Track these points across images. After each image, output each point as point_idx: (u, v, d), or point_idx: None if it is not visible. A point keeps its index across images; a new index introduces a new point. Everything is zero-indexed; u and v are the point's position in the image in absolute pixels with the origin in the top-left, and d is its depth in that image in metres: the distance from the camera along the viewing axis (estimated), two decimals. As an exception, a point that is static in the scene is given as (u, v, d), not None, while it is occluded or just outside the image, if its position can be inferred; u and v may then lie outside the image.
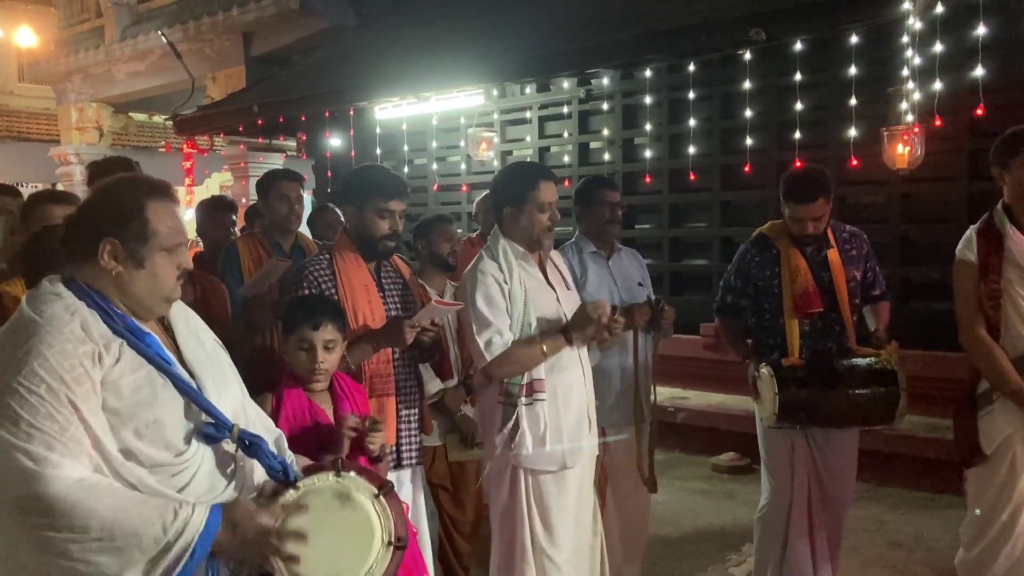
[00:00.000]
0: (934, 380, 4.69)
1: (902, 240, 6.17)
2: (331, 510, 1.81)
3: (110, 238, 1.76)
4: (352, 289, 2.97)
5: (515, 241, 3.11)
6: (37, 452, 1.57)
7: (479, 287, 3.02)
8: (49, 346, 1.64)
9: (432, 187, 8.73)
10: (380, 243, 3.02)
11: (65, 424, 1.61)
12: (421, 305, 3.10)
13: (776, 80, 6.35)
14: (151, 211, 1.78)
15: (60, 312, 1.70)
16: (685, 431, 6.41)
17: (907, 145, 5.11)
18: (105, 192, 1.83)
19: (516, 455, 3.00)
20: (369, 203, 3.00)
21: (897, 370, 3.33)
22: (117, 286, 1.78)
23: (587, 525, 3.19)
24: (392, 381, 3.02)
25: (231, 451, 1.85)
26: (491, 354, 2.96)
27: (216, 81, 10.59)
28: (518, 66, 6.22)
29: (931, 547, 4.54)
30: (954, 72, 4.90)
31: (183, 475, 1.75)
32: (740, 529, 4.84)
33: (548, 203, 3.09)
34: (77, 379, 1.64)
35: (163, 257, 1.80)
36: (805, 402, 3.33)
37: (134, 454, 1.69)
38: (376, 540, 1.81)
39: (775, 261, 3.54)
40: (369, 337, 2.92)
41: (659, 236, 7.49)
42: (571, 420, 3.07)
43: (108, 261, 1.76)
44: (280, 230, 4.06)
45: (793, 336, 3.46)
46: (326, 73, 8.19)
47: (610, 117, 7.71)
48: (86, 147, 12.64)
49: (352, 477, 1.86)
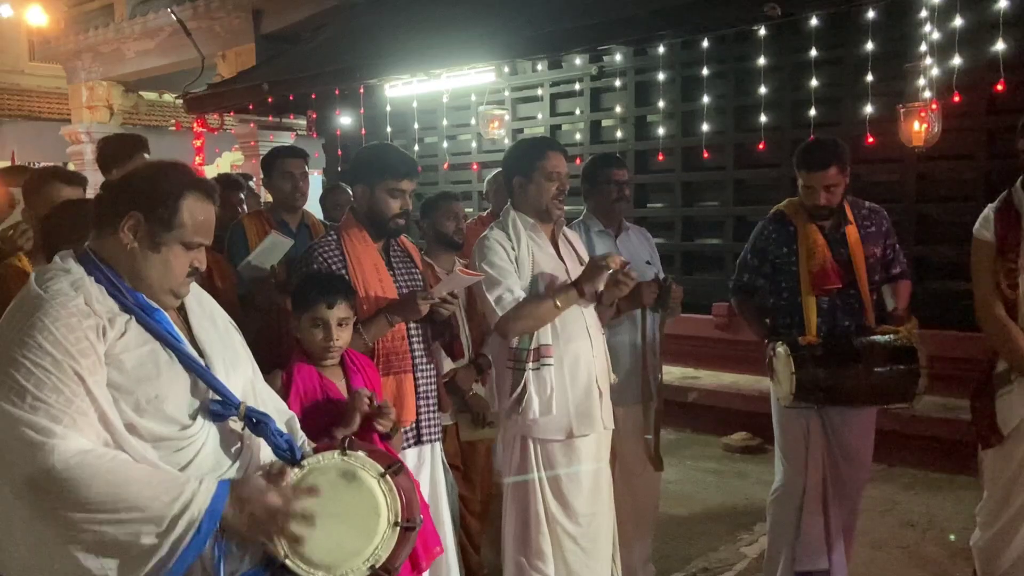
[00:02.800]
0: (949, 360, 4.64)
1: (918, 219, 6.10)
2: (336, 489, 1.78)
3: (137, 212, 1.76)
4: (362, 268, 2.95)
5: (526, 213, 3.18)
6: (42, 424, 1.57)
7: (486, 253, 3.10)
8: (54, 320, 1.63)
9: (443, 165, 8.69)
10: (391, 223, 3.00)
11: (71, 396, 1.60)
12: (430, 286, 3.09)
13: (791, 56, 6.27)
14: (186, 203, 1.78)
15: (65, 288, 1.69)
16: (696, 411, 6.40)
17: (924, 122, 5.05)
18: (151, 170, 1.84)
19: (523, 421, 3.04)
20: (380, 183, 2.97)
21: (917, 348, 3.28)
22: (129, 263, 1.77)
23: (603, 498, 3.20)
24: (409, 358, 3.00)
25: (238, 430, 1.84)
26: (503, 309, 3.01)
27: (226, 59, 10.55)
28: (529, 43, 6.16)
29: (944, 528, 4.52)
30: (973, 47, 4.83)
31: (187, 451, 1.73)
32: (752, 509, 4.84)
33: (556, 172, 3.13)
34: (82, 351, 1.63)
35: (180, 250, 1.79)
36: (823, 381, 3.28)
37: (136, 428, 1.68)
38: (382, 520, 1.78)
39: (792, 238, 3.50)
40: (385, 311, 2.90)
41: (671, 215, 7.44)
42: (579, 390, 3.09)
43: (127, 234, 1.75)
44: (286, 208, 4.08)
45: (810, 313, 3.42)
46: (336, 51, 8.14)
47: (622, 94, 7.64)
48: (97, 126, 12.65)
49: (358, 456, 1.82)
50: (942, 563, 4.10)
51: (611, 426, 3.25)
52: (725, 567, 4.17)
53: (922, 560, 4.15)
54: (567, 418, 3.07)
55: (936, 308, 5.29)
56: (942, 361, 3.55)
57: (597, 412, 3.14)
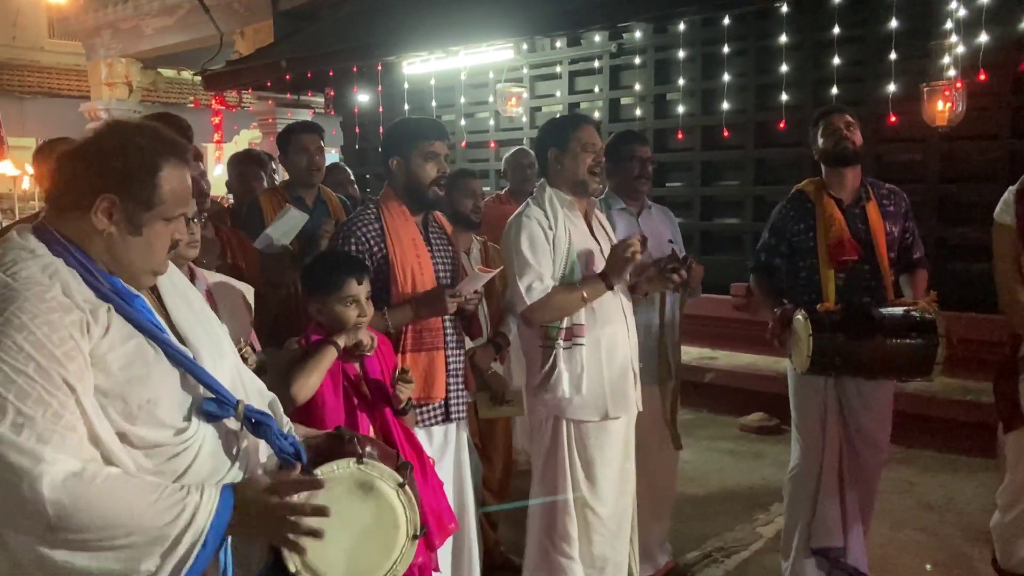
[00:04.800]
0: (970, 342, 4.59)
1: (940, 199, 6.03)
2: (352, 501, 1.65)
3: (111, 195, 1.52)
4: (401, 244, 2.94)
5: (560, 189, 3.14)
6: (29, 446, 1.33)
7: (523, 231, 3.06)
8: (33, 316, 1.39)
9: (460, 143, 8.67)
10: (430, 189, 2.98)
11: (59, 410, 1.38)
12: (462, 264, 3.09)
13: (813, 34, 6.19)
14: (164, 175, 1.56)
15: (37, 274, 1.45)
16: (713, 391, 6.39)
17: (947, 101, 4.99)
18: (118, 140, 1.56)
19: (553, 399, 3.04)
20: (414, 149, 2.96)
21: (936, 319, 3.24)
22: (105, 248, 1.55)
23: (629, 480, 3.21)
24: (441, 335, 3.00)
25: (235, 428, 1.65)
26: (531, 298, 3.00)
27: (244, 36, 10.54)
28: (548, 19, 6.12)
29: (962, 510, 4.51)
30: (1000, 24, 4.75)
31: (183, 457, 1.54)
32: (768, 489, 4.83)
33: (591, 143, 3.12)
34: (68, 354, 1.40)
35: (162, 227, 1.58)
36: (840, 347, 3.23)
37: (128, 437, 1.48)
38: (401, 534, 1.68)
39: (809, 214, 3.49)
40: (413, 304, 2.90)
41: (690, 194, 7.40)
42: (615, 371, 3.08)
43: (101, 219, 1.52)
44: (302, 184, 4.11)
45: (828, 288, 3.39)
46: (354, 28, 8.11)
47: (642, 72, 7.58)
48: (116, 103, 12.71)
49: (376, 465, 1.69)
50: (960, 545, 4.08)
51: (641, 408, 3.24)
52: (741, 546, 4.18)
53: (940, 542, 4.13)
54: (603, 399, 3.06)
55: (958, 290, 5.24)
56: (963, 343, 3.52)
57: (632, 394, 3.15)
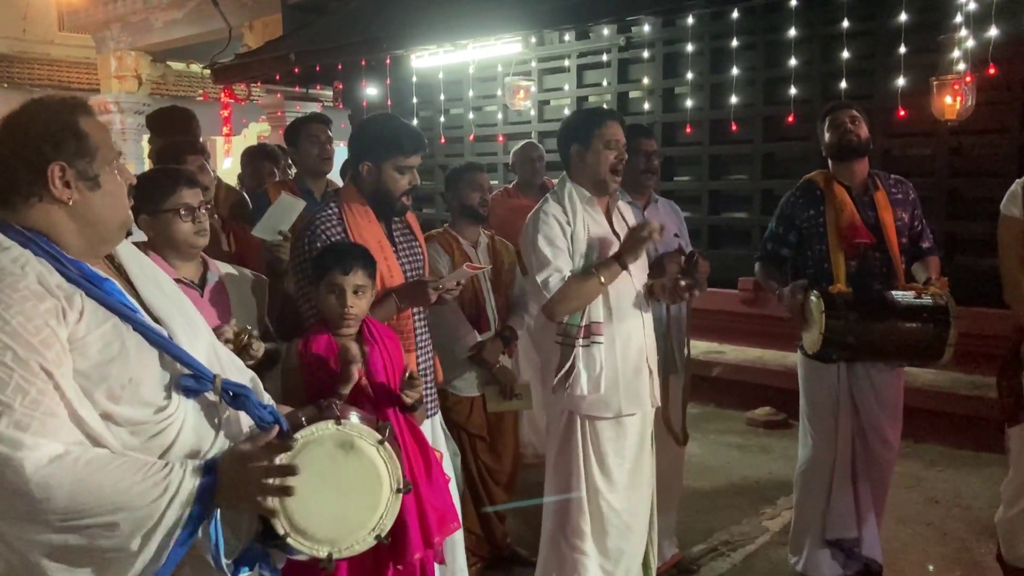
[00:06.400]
0: (978, 337, 4.58)
1: (949, 194, 6.00)
2: (334, 461, 1.67)
3: (56, 162, 1.51)
4: (366, 246, 2.81)
5: (582, 184, 3.13)
6: (8, 434, 1.37)
7: (541, 227, 3.05)
8: (7, 306, 1.41)
9: (468, 137, 8.67)
10: (399, 201, 2.89)
11: (38, 397, 1.40)
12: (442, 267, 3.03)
13: (822, 28, 6.16)
14: (84, 123, 1.56)
15: (8, 265, 1.46)
16: (721, 385, 6.39)
17: (957, 95, 4.97)
18: (26, 116, 1.55)
19: (570, 397, 3.04)
20: (388, 159, 2.83)
21: (947, 302, 3.23)
22: (74, 219, 1.55)
23: (645, 473, 3.21)
24: (413, 337, 2.96)
25: (215, 401, 1.66)
26: (550, 292, 2.99)
27: (253, 29, 10.55)
28: (557, 13, 6.11)
29: (969, 505, 4.51)
30: (1010, 18, 4.73)
31: (167, 433, 1.55)
32: (775, 483, 4.84)
33: (615, 140, 3.09)
34: (45, 342, 1.42)
35: (110, 170, 1.59)
36: (853, 326, 3.23)
37: (112, 416, 1.50)
38: (384, 488, 1.70)
39: (819, 200, 3.51)
40: (396, 296, 2.84)
41: (698, 188, 7.37)
42: (629, 368, 3.09)
43: (61, 189, 1.52)
44: (311, 174, 4.16)
45: (839, 274, 3.39)
46: (363, 21, 8.11)
47: (650, 66, 7.55)
48: (125, 96, 12.75)
49: (353, 424, 1.71)
50: (966, 540, 4.08)
51: (658, 404, 3.24)
52: (747, 540, 4.19)
53: (946, 536, 4.14)
54: (616, 397, 3.06)
55: (967, 285, 5.21)
56: (971, 338, 3.51)
57: (646, 391, 3.14)
